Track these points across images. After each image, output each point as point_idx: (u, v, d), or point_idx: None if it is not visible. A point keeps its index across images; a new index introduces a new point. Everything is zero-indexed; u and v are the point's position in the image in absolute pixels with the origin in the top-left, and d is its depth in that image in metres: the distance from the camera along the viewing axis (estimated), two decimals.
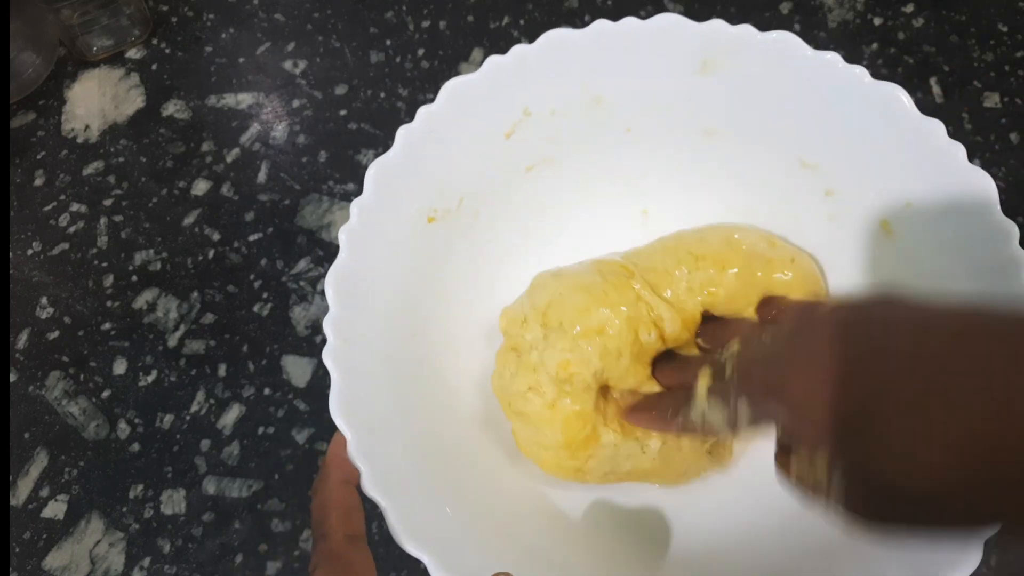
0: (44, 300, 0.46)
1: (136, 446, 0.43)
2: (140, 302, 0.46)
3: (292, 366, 0.44)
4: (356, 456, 0.26)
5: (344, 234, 0.29)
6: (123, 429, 0.43)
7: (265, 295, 0.46)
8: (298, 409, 0.43)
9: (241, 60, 0.52)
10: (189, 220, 0.48)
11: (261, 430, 0.42)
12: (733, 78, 0.32)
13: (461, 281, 0.35)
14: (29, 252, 0.48)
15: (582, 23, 0.32)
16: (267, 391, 0.43)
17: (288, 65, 0.52)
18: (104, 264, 0.47)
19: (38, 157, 0.50)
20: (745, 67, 0.32)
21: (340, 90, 0.51)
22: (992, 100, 0.48)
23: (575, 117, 0.34)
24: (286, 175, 0.49)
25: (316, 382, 0.43)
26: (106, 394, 0.44)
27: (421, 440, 0.30)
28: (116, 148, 0.50)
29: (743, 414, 0.27)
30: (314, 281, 0.45)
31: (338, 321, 0.28)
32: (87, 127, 0.51)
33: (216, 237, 0.47)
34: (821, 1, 0.52)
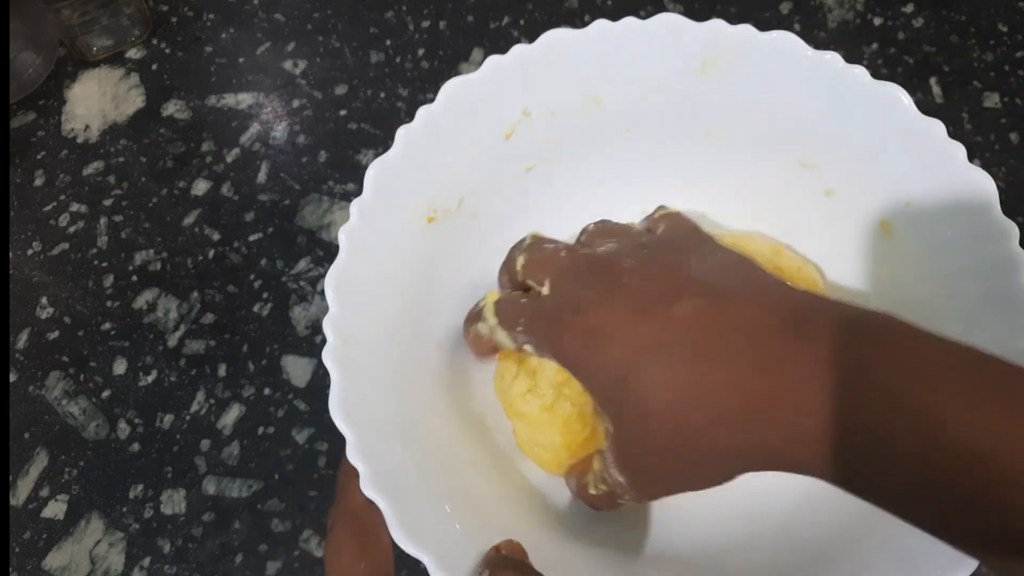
0: (44, 300, 0.46)
1: (136, 446, 0.43)
2: (140, 302, 0.46)
3: (292, 366, 0.44)
4: (355, 456, 0.26)
5: (344, 234, 0.29)
6: (123, 429, 0.43)
7: (265, 295, 0.46)
8: (298, 409, 0.43)
9: (241, 60, 0.52)
10: (189, 220, 0.48)
11: (261, 430, 0.42)
12: (733, 78, 0.32)
13: (460, 282, 0.36)
14: (29, 252, 0.48)
15: (582, 23, 0.32)
16: (267, 391, 0.43)
17: (288, 65, 0.52)
18: (104, 264, 0.47)
19: (38, 157, 0.50)
20: (745, 67, 0.32)
21: (340, 90, 0.51)
22: (992, 100, 0.48)
23: (575, 118, 0.34)
24: (286, 175, 0.49)
25: (316, 382, 0.43)
26: (106, 394, 0.44)
27: (421, 440, 0.30)
28: (116, 148, 0.50)
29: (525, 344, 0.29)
30: (314, 281, 0.45)
31: (338, 321, 0.28)
32: (87, 127, 0.51)
33: (216, 237, 0.47)
34: (821, 1, 0.52)
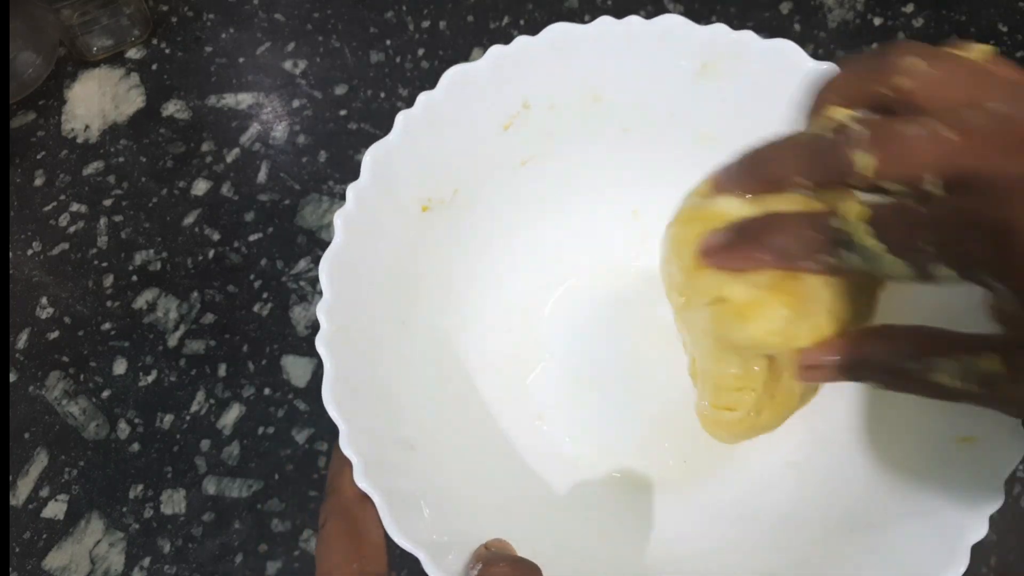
0: (44, 300, 0.46)
1: (136, 446, 0.43)
2: (140, 302, 0.46)
3: (292, 366, 0.44)
4: (348, 447, 0.25)
5: (340, 218, 0.29)
6: (123, 429, 0.43)
7: (265, 295, 0.46)
8: (298, 409, 0.43)
9: (241, 60, 0.52)
10: (189, 220, 0.48)
11: (261, 430, 0.42)
12: (731, 83, 0.32)
13: (451, 274, 0.35)
14: (29, 252, 0.48)
15: (582, 23, 0.32)
16: (267, 391, 0.43)
17: (288, 65, 0.52)
18: (104, 264, 0.47)
19: (38, 157, 0.50)
20: (744, 73, 0.32)
21: (340, 90, 0.51)
22: None
23: (573, 113, 0.34)
24: (286, 175, 0.49)
25: (316, 382, 0.43)
26: (106, 394, 0.44)
27: (416, 430, 0.30)
28: (116, 148, 0.50)
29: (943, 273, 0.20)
30: (314, 281, 0.45)
31: (332, 307, 0.28)
32: (87, 127, 0.51)
33: (216, 237, 0.47)
34: (821, 1, 0.52)
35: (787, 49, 0.31)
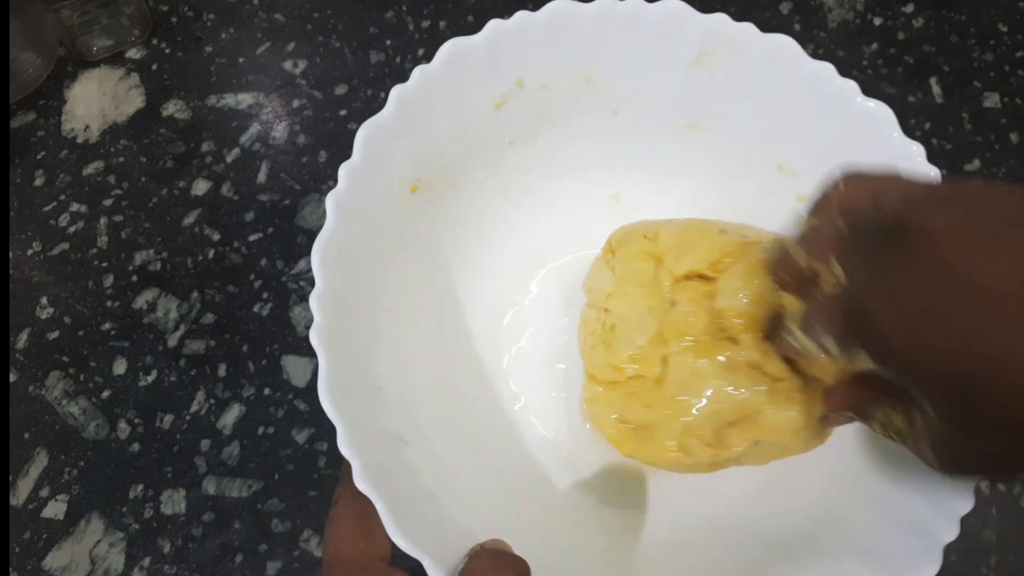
0: (44, 300, 0.46)
1: (136, 446, 0.43)
2: (140, 302, 0.46)
3: (292, 366, 0.44)
4: (346, 448, 0.25)
5: (332, 199, 0.28)
6: (123, 429, 0.43)
7: (265, 295, 0.46)
8: (298, 409, 0.43)
9: (241, 60, 0.52)
10: (189, 220, 0.48)
11: (261, 430, 0.42)
12: (726, 74, 0.32)
13: (438, 257, 0.35)
14: (29, 252, 0.48)
15: None
16: (267, 391, 0.43)
17: (288, 65, 0.52)
18: (104, 264, 0.47)
19: (38, 157, 0.50)
20: (740, 65, 0.32)
21: (340, 90, 0.51)
22: (992, 100, 0.48)
23: (565, 94, 0.34)
24: (286, 175, 0.49)
25: (316, 382, 0.43)
26: (106, 394, 0.44)
27: (415, 427, 0.30)
28: (116, 148, 0.50)
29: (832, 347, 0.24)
30: (313, 281, 0.45)
31: (325, 297, 0.27)
32: (87, 127, 0.51)
33: (216, 237, 0.47)
34: (821, 1, 0.52)
35: (786, 45, 0.31)
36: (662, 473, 0.34)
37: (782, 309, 0.27)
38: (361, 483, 0.25)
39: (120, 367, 0.44)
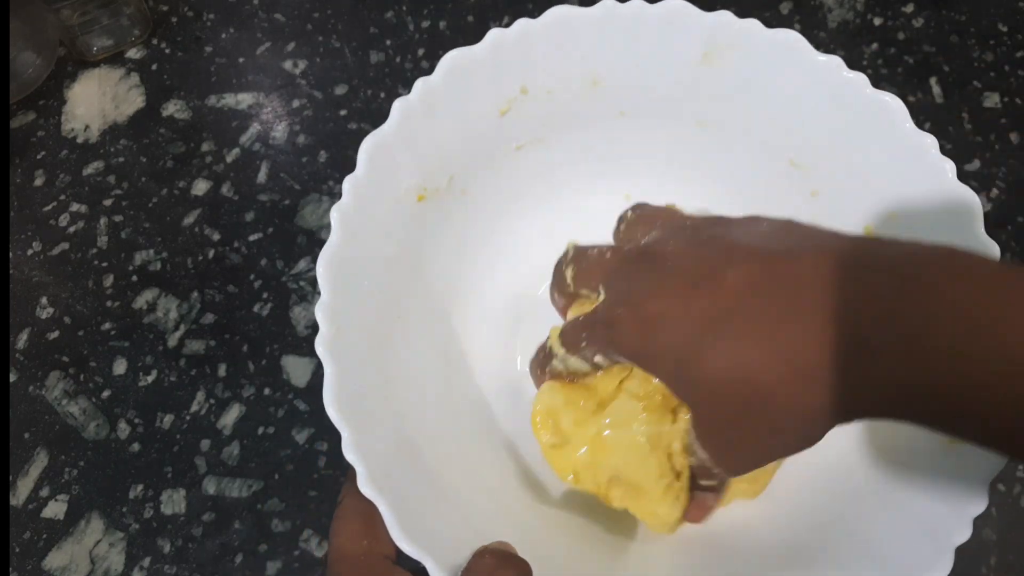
0: (44, 300, 0.46)
1: (136, 446, 0.43)
2: (140, 302, 0.46)
3: (292, 366, 0.44)
4: (351, 453, 0.25)
5: (336, 212, 0.28)
6: (123, 429, 0.43)
7: (265, 295, 0.46)
8: (298, 409, 0.43)
9: (241, 60, 0.52)
10: (189, 220, 0.48)
11: (261, 430, 0.42)
12: (733, 71, 0.32)
13: (448, 264, 0.35)
14: (29, 252, 0.48)
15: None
16: (267, 391, 0.43)
17: (288, 65, 0.52)
18: (104, 264, 0.47)
19: (38, 157, 0.50)
20: (747, 62, 0.32)
21: (340, 90, 0.51)
22: (992, 100, 0.48)
23: (571, 97, 0.34)
24: (286, 175, 0.49)
25: (316, 382, 0.43)
26: (106, 394, 0.44)
27: (419, 434, 0.30)
28: (116, 148, 0.50)
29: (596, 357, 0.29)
30: (314, 281, 0.45)
31: (330, 307, 0.27)
32: (87, 127, 0.51)
33: (216, 237, 0.47)
34: (821, 1, 0.52)
35: (792, 40, 0.30)
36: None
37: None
38: (365, 488, 0.25)
39: (120, 367, 0.44)
